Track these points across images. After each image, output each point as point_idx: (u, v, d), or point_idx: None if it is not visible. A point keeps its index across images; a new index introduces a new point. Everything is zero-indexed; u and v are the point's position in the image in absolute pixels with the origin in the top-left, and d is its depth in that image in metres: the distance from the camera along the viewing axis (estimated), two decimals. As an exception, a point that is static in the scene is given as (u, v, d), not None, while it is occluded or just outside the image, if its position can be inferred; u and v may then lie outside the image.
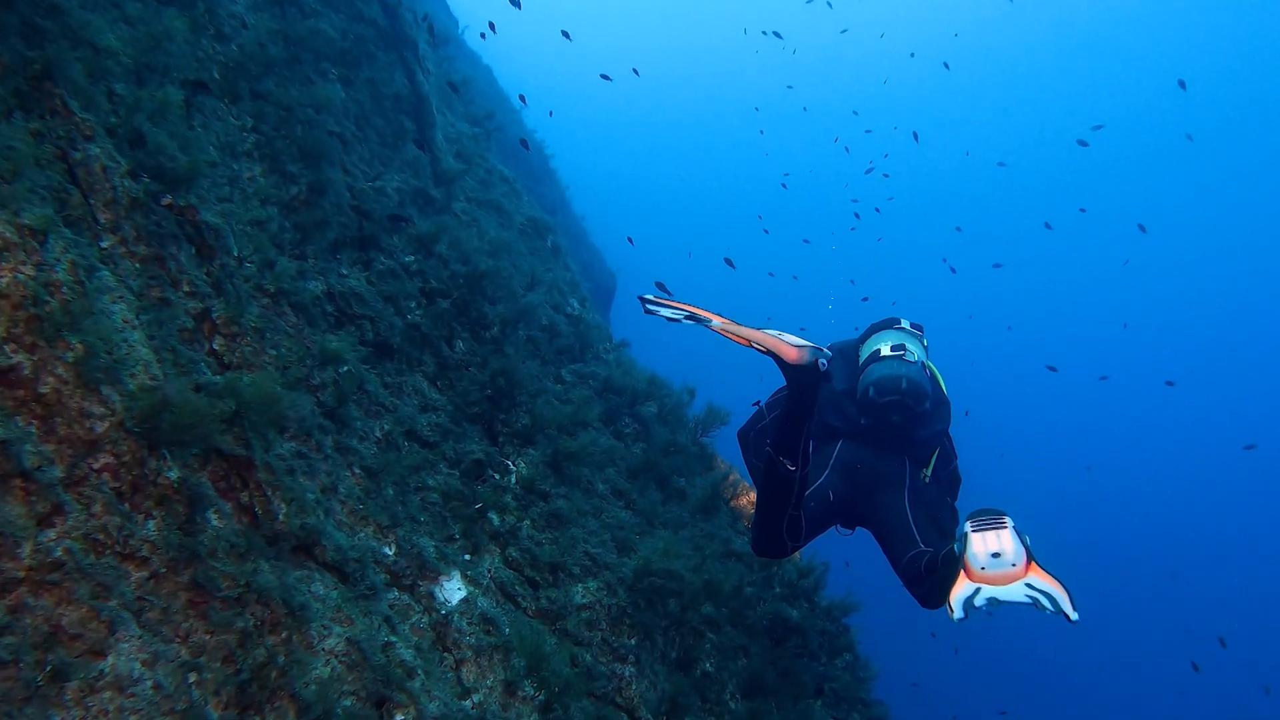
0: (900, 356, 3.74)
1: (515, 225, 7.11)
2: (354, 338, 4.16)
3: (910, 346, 3.81)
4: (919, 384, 3.64)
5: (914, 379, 3.63)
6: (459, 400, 4.48)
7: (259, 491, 2.98)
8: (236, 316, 3.37)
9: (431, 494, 3.87)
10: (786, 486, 3.16)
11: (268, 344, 3.47)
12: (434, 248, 5.22)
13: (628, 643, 3.86)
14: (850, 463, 3.74)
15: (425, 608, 3.49)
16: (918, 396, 3.64)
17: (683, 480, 5.83)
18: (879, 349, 3.83)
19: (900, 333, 3.95)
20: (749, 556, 5.52)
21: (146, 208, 3.19)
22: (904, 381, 3.62)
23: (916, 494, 3.69)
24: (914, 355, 3.77)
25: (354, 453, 3.64)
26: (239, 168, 4.25)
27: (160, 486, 2.62)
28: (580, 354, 6.06)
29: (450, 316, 4.86)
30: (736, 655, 4.42)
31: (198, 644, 2.48)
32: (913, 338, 3.93)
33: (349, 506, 3.47)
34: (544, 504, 4.26)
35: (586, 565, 4.07)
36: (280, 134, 4.52)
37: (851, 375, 3.97)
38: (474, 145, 7.84)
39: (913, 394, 3.63)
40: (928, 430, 3.80)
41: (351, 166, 5.14)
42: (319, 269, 4.30)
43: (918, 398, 3.64)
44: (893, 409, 3.66)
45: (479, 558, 3.81)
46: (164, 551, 2.52)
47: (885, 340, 3.87)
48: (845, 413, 3.87)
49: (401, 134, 5.92)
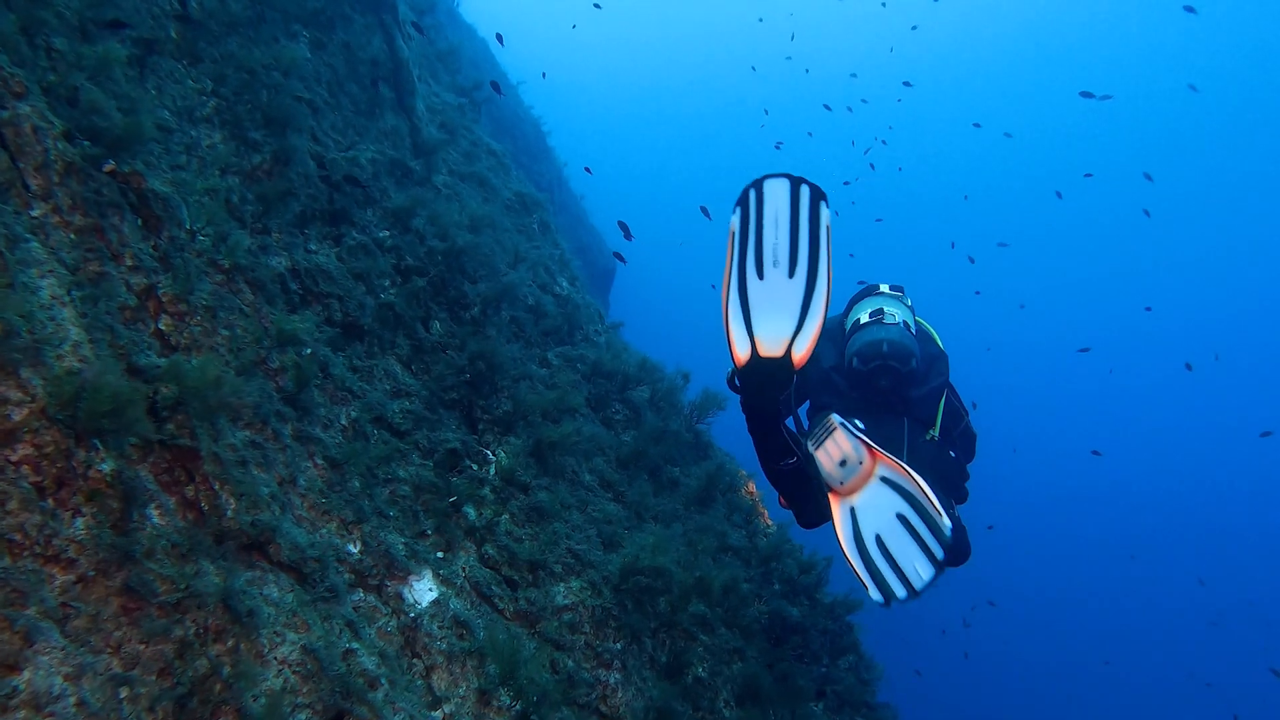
0: (878, 320, 3.77)
1: (501, 200, 6.88)
2: (319, 318, 3.95)
3: (889, 309, 3.83)
4: (900, 344, 3.66)
5: (894, 340, 3.65)
6: (435, 385, 4.28)
7: (205, 485, 2.79)
8: (185, 294, 3.16)
9: (402, 486, 3.68)
10: (800, 476, 3.13)
11: (220, 324, 3.27)
12: (410, 222, 5.00)
13: (613, 647, 3.68)
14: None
15: (393, 610, 3.31)
16: (901, 357, 3.65)
17: (676, 470, 5.64)
18: (859, 318, 3.87)
19: (879, 297, 3.97)
20: (746, 551, 5.34)
21: (84, 174, 2.97)
22: (884, 345, 3.64)
23: (915, 454, 3.69)
24: (894, 317, 3.78)
25: (316, 442, 3.45)
26: (197, 134, 4.03)
27: (91, 480, 2.42)
28: (568, 336, 5.85)
29: (427, 296, 4.65)
30: (731, 659, 4.24)
31: (131, 655, 2.30)
32: (892, 300, 3.95)
33: (309, 500, 3.28)
34: (524, 497, 4.07)
35: (569, 563, 3.89)
36: (243, 99, 4.30)
37: (839, 353, 4.01)
38: (459, 116, 7.59)
39: (895, 355, 3.64)
40: (923, 388, 3.80)
41: (322, 135, 4.91)
42: (283, 244, 4.09)
43: (901, 358, 3.65)
44: (879, 374, 3.69)
45: (453, 555, 3.63)
46: (94, 552, 2.33)
47: (864, 309, 3.91)
48: (836, 388, 3.90)
49: (378, 102, 5.68)
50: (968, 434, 3.98)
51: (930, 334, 4.05)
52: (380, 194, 5.07)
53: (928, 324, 4.11)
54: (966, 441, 3.99)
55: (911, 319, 3.93)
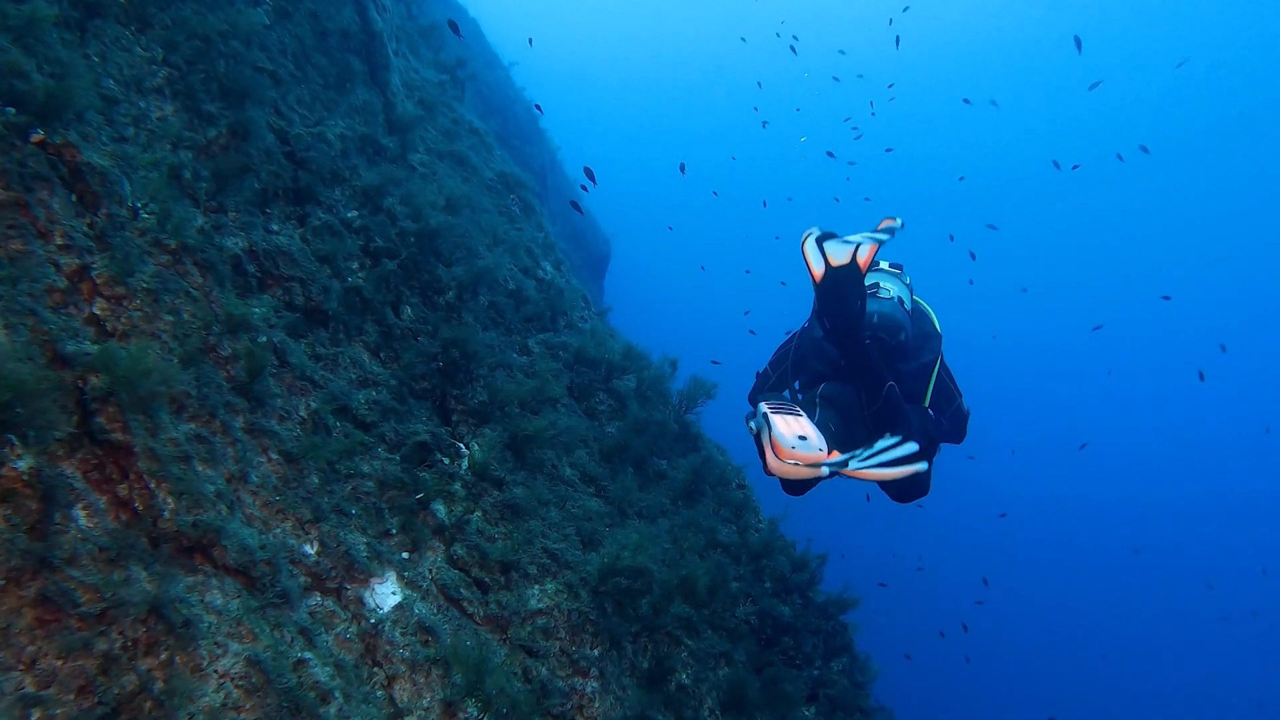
0: (873, 294, 3.93)
1: (483, 180, 6.66)
2: (279, 302, 3.75)
3: (885, 284, 4.03)
4: (891, 317, 3.81)
5: (886, 313, 3.82)
6: (404, 374, 4.08)
7: (140, 483, 2.60)
8: (123, 275, 2.96)
9: (365, 482, 3.49)
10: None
11: (163, 308, 3.06)
12: (382, 202, 4.79)
13: (590, 653, 3.50)
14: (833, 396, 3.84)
15: (353, 615, 3.13)
16: (891, 329, 3.80)
17: (663, 462, 5.46)
18: None
19: (876, 273, 4.16)
20: (736, 547, 5.17)
21: (7, 143, 2.76)
22: (875, 316, 3.79)
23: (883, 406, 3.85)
24: (888, 292, 3.98)
25: (271, 435, 3.26)
26: (146, 105, 3.81)
27: (5, 479, 2.23)
28: (551, 322, 5.65)
29: (397, 279, 4.45)
30: (717, 663, 4.07)
31: (45, 672, 2.11)
32: (889, 276, 4.13)
33: (262, 498, 3.09)
34: (499, 493, 3.88)
35: (545, 564, 3.70)
36: (197, 68, 4.08)
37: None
38: (440, 93, 7.36)
39: (885, 327, 3.79)
40: (913, 363, 3.93)
41: (287, 109, 4.69)
42: (241, 223, 3.88)
43: (891, 330, 3.80)
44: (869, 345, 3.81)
45: (419, 556, 3.44)
46: (4, 559, 2.14)
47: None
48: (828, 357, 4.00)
49: (349, 75, 5.45)
50: (959, 414, 4.06)
51: (927, 313, 4.19)
52: (349, 172, 4.86)
53: (926, 304, 4.25)
54: (958, 421, 4.07)
55: (909, 297, 4.09)
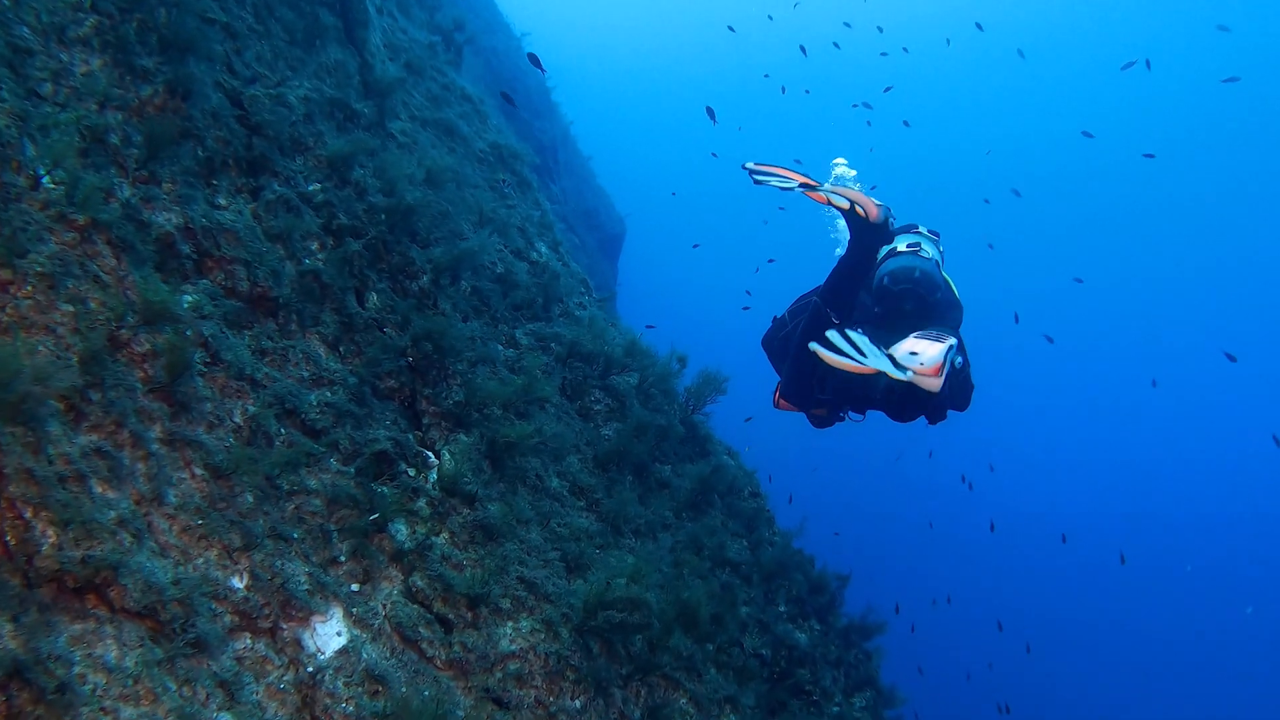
0: (915, 252, 4.27)
1: (473, 152, 6.21)
2: (216, 288, 3.33)
3: (926, 246, 4.35)
4: (931, 275, 4.16)
5: (927, 270, 4.16)
6: (366, 371, 3.67)
7: (11, 511, 2.19)
8: (11, 257, 2.54)
9: (311, 500, 3.08)
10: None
11: (62, 296, 2.65)
12: (350, 173, 4.36)
13: (570, 704, 3.09)
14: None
15: (289, 661, 2.73)
16: (930, 286, 4.13)
17: (667, 469, 5.03)
18: (896, 247, 4.36)
19: (917, 235, 4.47)
20: (746, 566, 4.74)
21: None
22: (917, 271, 4.13)
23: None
24: (929, 253, 4.30)
25: (196, 446, 2.85)
26: (69, 58, 3.39)
27: None
28: (544, 310, 5.21)
29: (363, 262, 4.03)
30: (722, 710, 3.65)
31: None
32: (929, 240, 4.46)
33: (181, 523, 2.69)
34: (469, 511, 3.47)
35: (520, 596, 3.29)
36: (131, 17, 3.65)
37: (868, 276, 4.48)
38: (430, 56, 6.90)
39: (925, 284, 4.13)
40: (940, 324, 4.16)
41: (242, 67, 4.26)
42: (177, 196, 3.46)
43: (930, 288, 4.13)
44: (906, 297, 4.16)
45: (372, 588, 3.03)
46: None
47: (903, 240, 4.42)
48: (862, 305, 4.37)
49: (319, 30, 5.00)
50: (967, 383, 4.35)
51: (950, 285, 4.48)
52: (314, 139, 4.42)
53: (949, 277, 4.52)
54: (964, 389, 4.36)
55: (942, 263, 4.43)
